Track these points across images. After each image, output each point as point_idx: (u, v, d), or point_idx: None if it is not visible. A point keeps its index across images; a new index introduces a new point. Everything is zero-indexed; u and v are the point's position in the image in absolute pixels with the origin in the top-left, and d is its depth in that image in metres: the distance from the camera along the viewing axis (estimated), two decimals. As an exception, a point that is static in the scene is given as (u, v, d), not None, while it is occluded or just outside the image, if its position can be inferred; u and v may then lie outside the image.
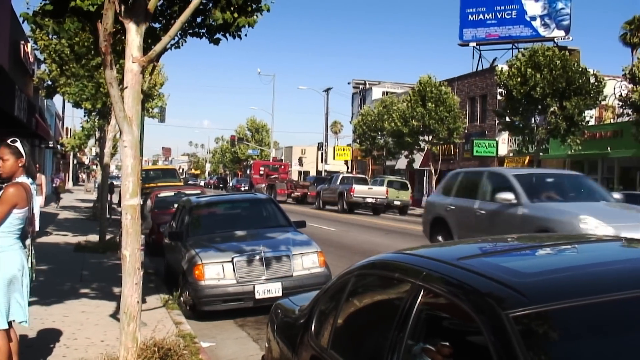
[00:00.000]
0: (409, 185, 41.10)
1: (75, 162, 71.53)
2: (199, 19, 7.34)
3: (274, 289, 9.34)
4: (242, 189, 62.18)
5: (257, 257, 9.50)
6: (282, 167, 63.18)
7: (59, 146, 45.53)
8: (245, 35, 7.45)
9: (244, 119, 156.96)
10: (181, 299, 9.85)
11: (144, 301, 8.23)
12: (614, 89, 34.68)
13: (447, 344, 2.76)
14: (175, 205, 14.22)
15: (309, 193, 47.93)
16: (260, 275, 9.44)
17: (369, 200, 37.69)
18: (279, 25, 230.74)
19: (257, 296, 9.32)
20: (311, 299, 4.32)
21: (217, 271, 9.37)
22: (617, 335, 2.59)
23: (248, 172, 68.64)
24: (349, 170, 61.12)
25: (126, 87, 5.67)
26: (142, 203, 7.10)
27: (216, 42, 7.56)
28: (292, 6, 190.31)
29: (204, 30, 7.44)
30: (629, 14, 72.09)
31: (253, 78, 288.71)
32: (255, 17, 7.25)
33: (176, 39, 7.55)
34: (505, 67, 34.77)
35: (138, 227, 5.81)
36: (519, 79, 31.98)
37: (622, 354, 2.53)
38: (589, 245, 3.82)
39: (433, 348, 2.78)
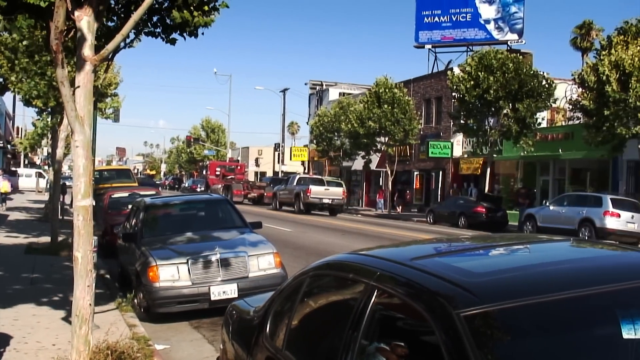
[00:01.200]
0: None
1: (26, 162, 69.98)
2: (155, 18, 7.27)
3: (230, 290, 9.29)
4: (198, 189, 61.71)
5: (213, 259, 9.44)
6: (239, 167, 62.89)
7: (9, 146, 44.46)
8: (202, 34, 7.41)
9: (200, 119, 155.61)
10: (135, 301, 9.73)
11: (96, 304, 8.09)
12: (565, 92, 35.47)
13: (402, 343, 2.78)
14: (130, 206, 14.04)
15: (265, 194, 47.84)
16: (216, 276, 9.39)
17: (325, 201, 37.80)
18: (235, 24, 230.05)
19: (213, 297, 9.26)
20: (266, 300, 4.31)
21: (171, 273, 9.28)
22: (566, 333, 2.65)
23: (204, 172, 68.05)
24: (306, 171, 61.16)
25: (78, 87, 5.58)
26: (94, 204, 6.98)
27: (172, 41, 7.50)
28: (249, 6, 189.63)
29: (159, 30, 7.37)
30: (579, 19, 73.88)
31: (209, 78, 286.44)
32: (212, 16, 7.22)
33: (131, 37, 7.46)
34: (458, 71, 35.27)
35: (90, 228, 5.72)
36: (471, 83, 32.48)
37: (570, 351, 2.60)
38: (539, 245, 3.88)
39: (387, 348, 2.80)
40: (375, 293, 3.04)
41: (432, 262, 3.20)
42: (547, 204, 28.70)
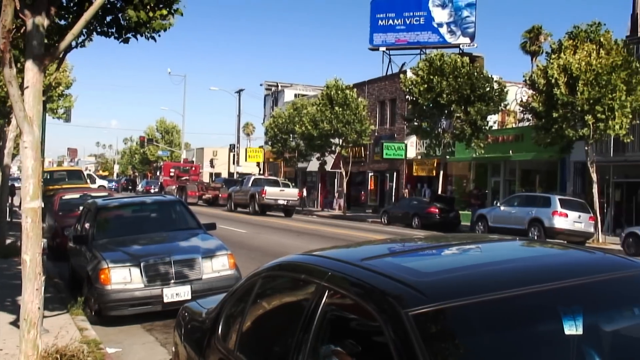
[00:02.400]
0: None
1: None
2: (108, 18, 7.20)
3: (183, 293, 9.23)
4: (152, 190, 61.01)
5: (166, 260, 9.37)
6: (193, 168, 62.39)
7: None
8: (159, 36, 7.38)
9: (154, 119, 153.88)
10: (86, 304, 9.59)
11: (46, 307, 7.96)
12: (516, 95, 36.18)
13: (355, 344, 2.82)
14: (81, 208, 13.82)
15: (220, 195, 47.56)
16: (169, 278, 9.31)
17: (280, 202, 37.78)
18: (190, 24, 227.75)
19: (166, 300, 9.19)
20: (219, 301, 4.31)
21: (123, 275, 9.17)
22: (511, 330, 2.72)
23: (158, 173, 67.31)
24: (261, 172, 61.01)
25: (27, 87, 5.48)
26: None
27: (126, 40, 7.43)
28: (204, 6, 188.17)
29: (113, 30, 7.30)
30: (528, 24, 75.42)
31: (163, 78, 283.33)
32: (170, 20, 7.20)
33: (83, 37, 7.37)
34: (410, 74, 35.66)
35: (39, 230, 5.63)
36: (424, 86, 32.89)
37: (516, 348, 2.66)
38: (488, 245, 3.96)
39: (343, 350, 2.83)
40: (326, 294, 3.06)
41: (382, 262, 3.24)
42: (498, 204, 29.24)
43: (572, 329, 2.68)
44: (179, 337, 4.77)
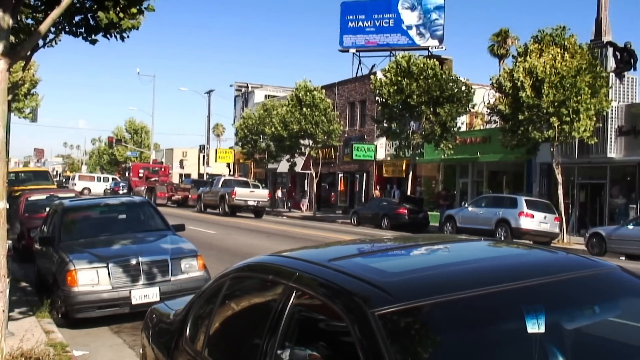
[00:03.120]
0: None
1: None
2: (77, 18, 7.13)
3: (152, 294, 9.17)
4: (120, 191, 60.39)
5: (134, 262, 9.30)
6: (163, 169, 61.94)
7: None
8: (128, 36, 7.32)
9: (123, 119, 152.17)
10: (53, 306, 9.48)
11: (11, 310, 7.86)
12: (483, 97, 36.57)
13: (330, 349, 2.84)
14: (47, 209, 13.65)
15: (190, 196, 47.30)
16: (137, 280, 9.25)
17: (250, 203, 37.70)
18: (159, 24, 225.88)
19: (134, 302, 9.12)
20: (187, 303, 4.30)
21: (91, 277, 9.08)
22: (476, 329, 2.76)
23: (127, 174, 66.57)
24: (231, 173, 60.78)
25: (-8, 86, 5.41)
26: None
27: (93, 41, 7.37)
28: (174, 6, 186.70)
29: (82, 29, 7.23)
30: (496, 27, 76.33)
31: (132, 78, 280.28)
32: (139, 19, 7.15)
33: (51, 36, 7.30)
34: (380, 76, 35.86)
35: (4, 232, 5.57)
36: (394, 88, 33.10)
37: (480, 347, 2.71)
38: (455, 245, 4.02)
39: (318, 355, 2.83)
40: (293, 294, 3.08)
41: (349, 262, 3.27)
42: (466, 205, 29.54)
43: (535, 327, 2.72)
44: (147, 339, 4.75)
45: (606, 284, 3.14)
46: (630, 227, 22.25)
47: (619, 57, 27.97)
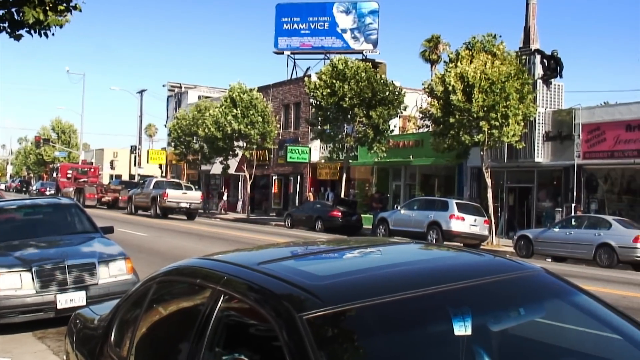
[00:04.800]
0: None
1: None
2: (0, 12, 6.87)
3: (78, 298, 8.90)
4: (48, 192, 58.70)
5: (59, 265, 9.01)
6: (92, 170, 60.65)
7: None
8: (53, 34, 7.11)
9: (51, 119, 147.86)
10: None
11: None
12: (416, 101, 37.18)
13: (257, 353, 2.79)
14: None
15: (120, 197, 46.45)
16: (63, 284, 8.97)
17: (183, 205, 37.22)
18: (90, 21, 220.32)
19: (59, 306, 8.84)
20: (112, 307, 4.18)
21: (13, 281, 8.75)
22: (405, 332, 2.76)
23: (55, 175, 64.83)
24: (164, 174, 59.92)
25: None
26: None
27: (17, 37, 7.12)
28: (104, 4, 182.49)
29: (5, 24, 6.97)
30: (428, 33, 77.71)
31: (61, 76, 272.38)
32: (66, 17, 6.95)
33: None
34: (315, 78, 36.02)
35: None
36: (327, 90, 33.30)
37: (409, 349, 2.71)
38: (386, 248, 4.03)
39: (246, 359, 2.79)
40: (221, 298, 3.02)
41: (279, 266, 3.23)
42: (399, 208, 29.93)
43: (462, 329, 2.74)
44: (71, 345, 4.60)
45: (531, 286, 3.20)
46: (556, 229, 23.00)
47: (546, 64, 28.91)
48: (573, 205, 26.98)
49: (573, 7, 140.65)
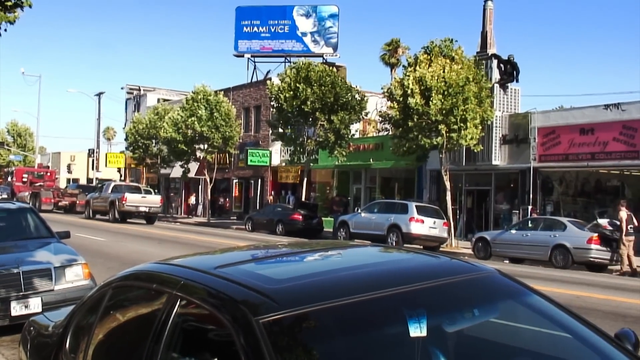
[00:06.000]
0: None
1: None
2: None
3: (33, 305, 8.73)
4: (2, 197, 57.43)
5: (14, 271, 8.82)
6: (49, 174, 59.44)
7: None
8: (5, 30, 6.98)
9: (5, 121, 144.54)
10: None
11: None
12: (376, 105, 37.42)
13: (213, 357, 2.78)
14: None
15: (78, 202, 45.75)
16: (17, 290, 8.77)
17: (142, 209, 36.82)
18: (46, 22, 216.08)
19: (14, 313, 8.65)
20: (68, 313, 4.12)
21: (-35, 288, 8.54)
22: (361, 334, 2.78)
23: (9, 179, 63.45)
24: (122, 178, 59.15)
25: None
26: None
27: (-34, 34, 6.98)
28: (59, 3, 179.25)
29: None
30: (388, 37, 78.38)
31: (16, 78, 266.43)
32: (16, 13, 6.83)
33: None
34: (277, 81, 36.01)
35: None
36: (290, 93, 33.30)
37: (366, 351, 2.74)
38: (345, 251, 4.05)
39: None
40: (178, 303, 3.00)
41: (236, 269, 3.22)
42: (359, 211, 30.06)
43: (417, 331, 2.76)
44: (25, 353, 4.51)
45: (485, 288, 3.25)
46: (513, 231, 23.37)
47: (502, 68, 29.39)
48: (529, 207, 27.46)
49: (528, 13, 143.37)
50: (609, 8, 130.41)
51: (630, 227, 20.64)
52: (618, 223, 20.63)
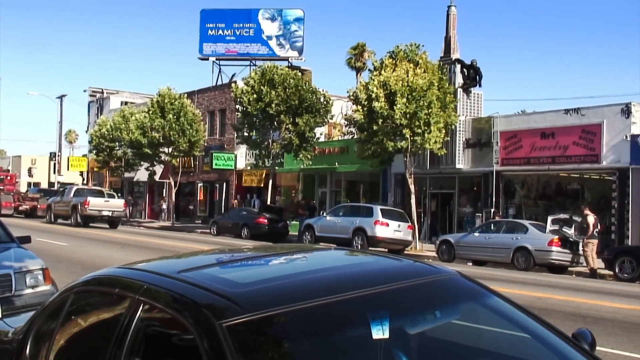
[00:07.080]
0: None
1: None
2: None
3: (-8, 311, 8.57)
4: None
5: (-28, 278, 8.66)
6: (9, 178, 58.63)
7: None
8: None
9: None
10: None
11: None
12: (341, 108, 37.55)
13: None
14: None
15: (39, 206, 45.07)
16: (-24, 297, 8.61)
17: (105, 213, 36.36)
18: (5, 22, 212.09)
19: (-28, 320, 8.48)
20: (28, 319, 4.06)
21: None
22: (325, 337, 2.80)
23: (-32, 183, 62.21)
24: (85, 182, 58.34)
25: None
26: None
27: None
28: (21, 2, 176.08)
29: None
30: (354, 41, 78.64)
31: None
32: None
33: None
34: (242, 84, 35.93)
35: None
36: (254, 96, 33.25)
37: (331, 354, 2.75)
38: (309, 254, 4.06)
39: None
40: (140, 308, 2.98)
41: (199, 274, 3.21)
42: (325, 214, 30.12)
43: (380, 333, 2.79)
44: (-18, 360, 4.43)
45: (446, 290, 3.30)
46: (476, 234, 23.65)
47: (466, 73, 29.77)
48: (492, 210, 27.82)
49: (491, 17, 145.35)
50: (571, 13, 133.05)
51: (596, 231, 21.04)
52: (582, 226, 21.02)
